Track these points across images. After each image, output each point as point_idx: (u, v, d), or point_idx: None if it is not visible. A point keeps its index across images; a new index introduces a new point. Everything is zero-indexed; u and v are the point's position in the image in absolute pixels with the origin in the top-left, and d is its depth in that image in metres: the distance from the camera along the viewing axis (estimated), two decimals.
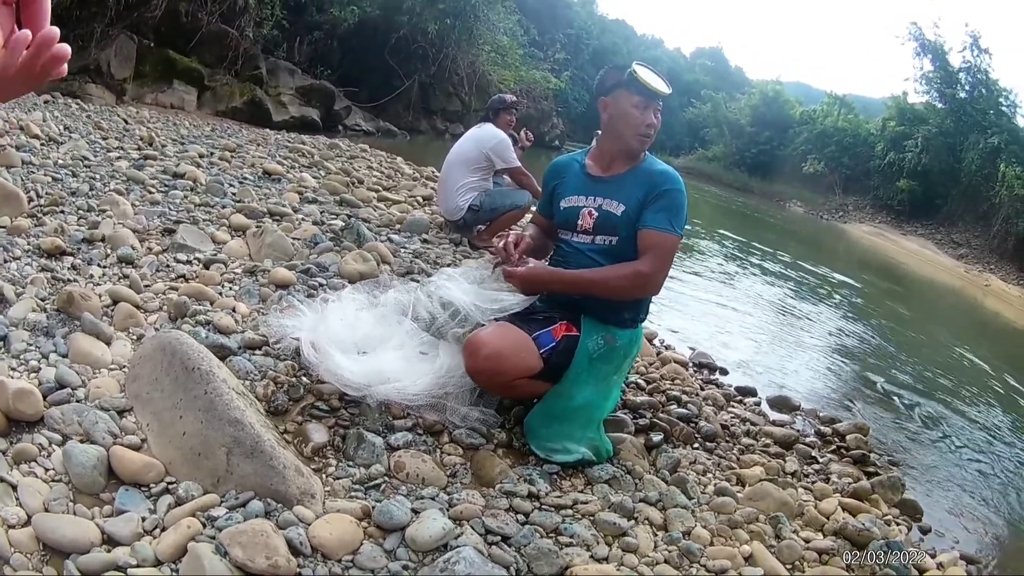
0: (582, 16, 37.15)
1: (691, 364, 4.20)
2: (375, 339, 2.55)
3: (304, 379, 2.47)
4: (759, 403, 3.88)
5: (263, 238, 3.91)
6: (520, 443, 2.51)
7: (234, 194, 5.05)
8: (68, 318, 2.59)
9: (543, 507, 2.17)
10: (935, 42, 22.92)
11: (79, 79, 9.19)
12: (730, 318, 6.26)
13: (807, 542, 2.38)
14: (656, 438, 2.82)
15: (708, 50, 53.64)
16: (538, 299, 2.64)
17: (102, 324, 2.54)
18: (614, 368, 2.61)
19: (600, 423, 2.56)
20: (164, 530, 1.71)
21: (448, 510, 2.00)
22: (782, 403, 4.01)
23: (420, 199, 6.49)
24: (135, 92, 10.26)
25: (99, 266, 3.23)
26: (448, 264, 2.57)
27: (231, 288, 3.30)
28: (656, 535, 2.23)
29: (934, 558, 2.55)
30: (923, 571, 2.38)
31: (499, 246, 2.64)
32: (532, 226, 2.92)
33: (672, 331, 5.14)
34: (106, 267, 3.24)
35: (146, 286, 3.11)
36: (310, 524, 1.79)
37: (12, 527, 1.64)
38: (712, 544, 2.23)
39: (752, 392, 3.98)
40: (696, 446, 2.95)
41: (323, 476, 2.09)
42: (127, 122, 7.87)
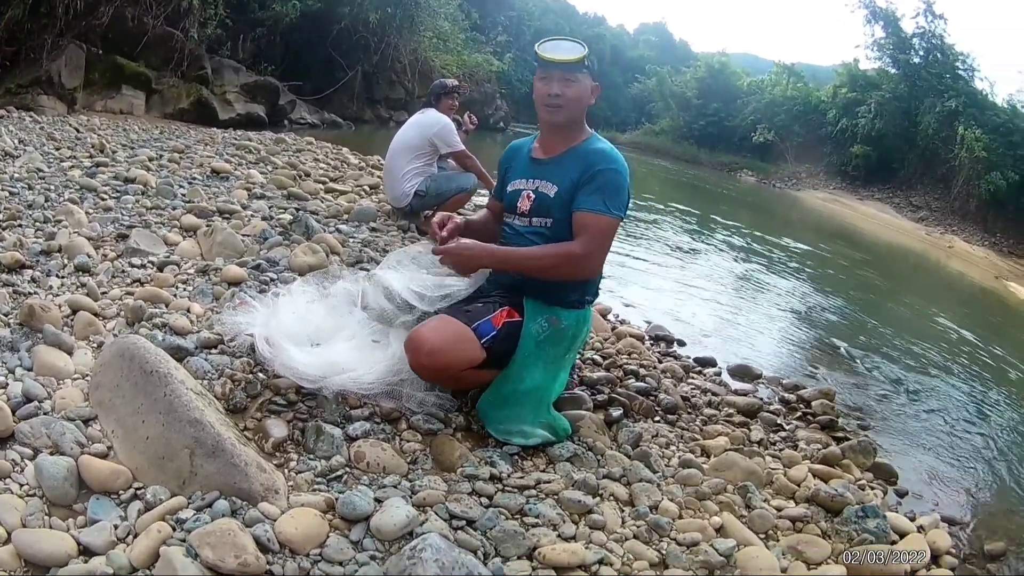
0: None
1: (647, 337, 4.22)
2: (327, 330, 2.56)
3: (260, 375, 2.47)
4: (719, 373, 3.92)
5: (214, 237, 3.91)
6: (479, 426, 2.53)
7: (184, 195, 5.03)
8: (31, 331, 2.58)
9: (506, 489, 2.18)
10: (886, 9, 23.27)
11: (31, 91, 9.21)
12: (686, 290, 6.31)
13: (779, 510, 2.40)
14: (615, 413, 2.84)
15: (652, 25, 54.45)
16: (485, 281, 2.66)
17: (63, 335, 2.54)
18: (563, 350, 2.60)
19: (550, 405, 2.56)
20: (136, 536, 1.72)
21: (411, 497, 2.01)
22: (743, 372, 4.05)
23: (367, 188, 6.53)
24: (85, 100, 10.20)
25: (57, 276, 3.21)
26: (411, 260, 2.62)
27: (185, 289, 3.30)
28: (623, 511, 2.25)
29: (913, 521, 2.57)
30: (903, 534, 2.40)
31: (430, 226, 2.65)
32: (483, 210, 2.95)
33: (627, 305, 5.20)
34: (64, 277, 3.23)
35: (103, 293, 3.10)
36: (276, 520, 1.80)
37: None
38: (681, 517, 2.25)
39: (712, 363, 4.03)
40: (657, 419, 2.98)
41: (285, 471, 2.10)
42: (79, 131, 7.81)
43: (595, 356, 3.47)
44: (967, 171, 18.67)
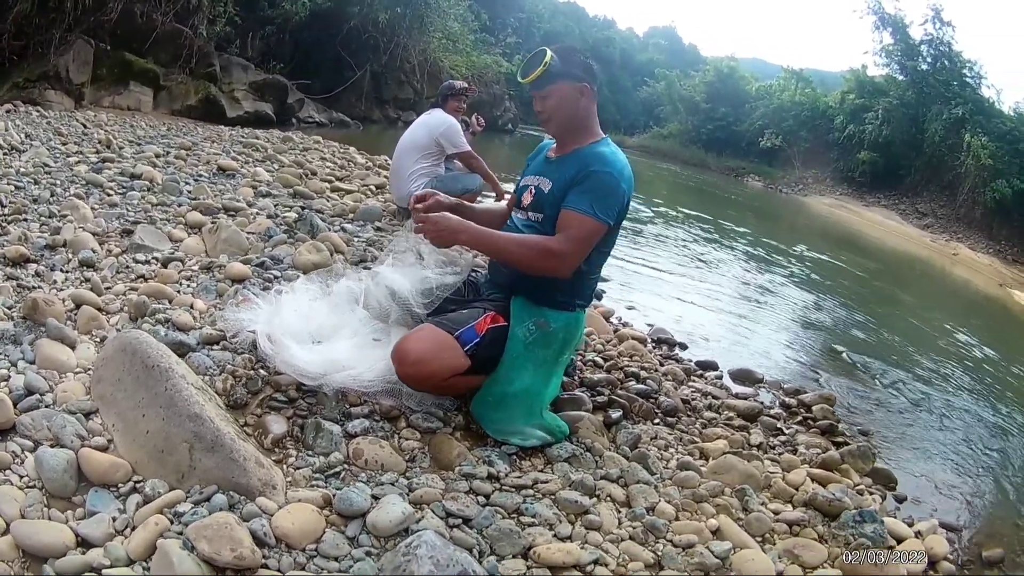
0: (533, 0, 37.29)
1: (649, 340, 4.22)
2: (329, 328, 2.58)
3: (262, 371, 2.48)
4: (721, 377, 3.92)
5: (218, 234, 3.93)
6: (477, 425, 2.52)
7: (190, 192, 5.06)
8: (34, 324, 2.59)
9: (503, 488, 2.19)
10: (895, 15, 23.21)
11: (39, 86, 9.22)
12: (690, 294, 6.30)
13: (776, 514, 2.40)
14: (615, 415, 2.84)
15: (662, 29, 54.48)
16: (483, 281, 2.71)
17: (66, 329, 2.55)
18: (553, 353, 2.59)
19: (543, 409, 2.56)
20: (134, 529, 1.74)
21: (408, 495, 2.02)
22: (745, 376, 4.04)
23: (373, 188, 6.56)
24: (93, 96, 10.23)
25: (62, 271, 3.23)
26: (402, 251, 2.60)
27: (189, 285, 3.32)
28: (619, 512, 2.25)
29: (911, 526, 2.57)
30: (901, 540, 2.39)
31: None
32: (498, 202, 2.98)
33: (630, 308, 5.19)
34: (68, 272, 3.24)
35: (107, 288, 3.12)
36: (273, 515, 1.81)
37: None
38: (677, 519, 2.25)
39: (713, 366, 4.02)
40: (657, 421, 2.97)
41: (284, 467, 2.11)
42: (85, 126, 7.85)
43: (596, 358, 3.47)
44: (973, 178, 18.62)
